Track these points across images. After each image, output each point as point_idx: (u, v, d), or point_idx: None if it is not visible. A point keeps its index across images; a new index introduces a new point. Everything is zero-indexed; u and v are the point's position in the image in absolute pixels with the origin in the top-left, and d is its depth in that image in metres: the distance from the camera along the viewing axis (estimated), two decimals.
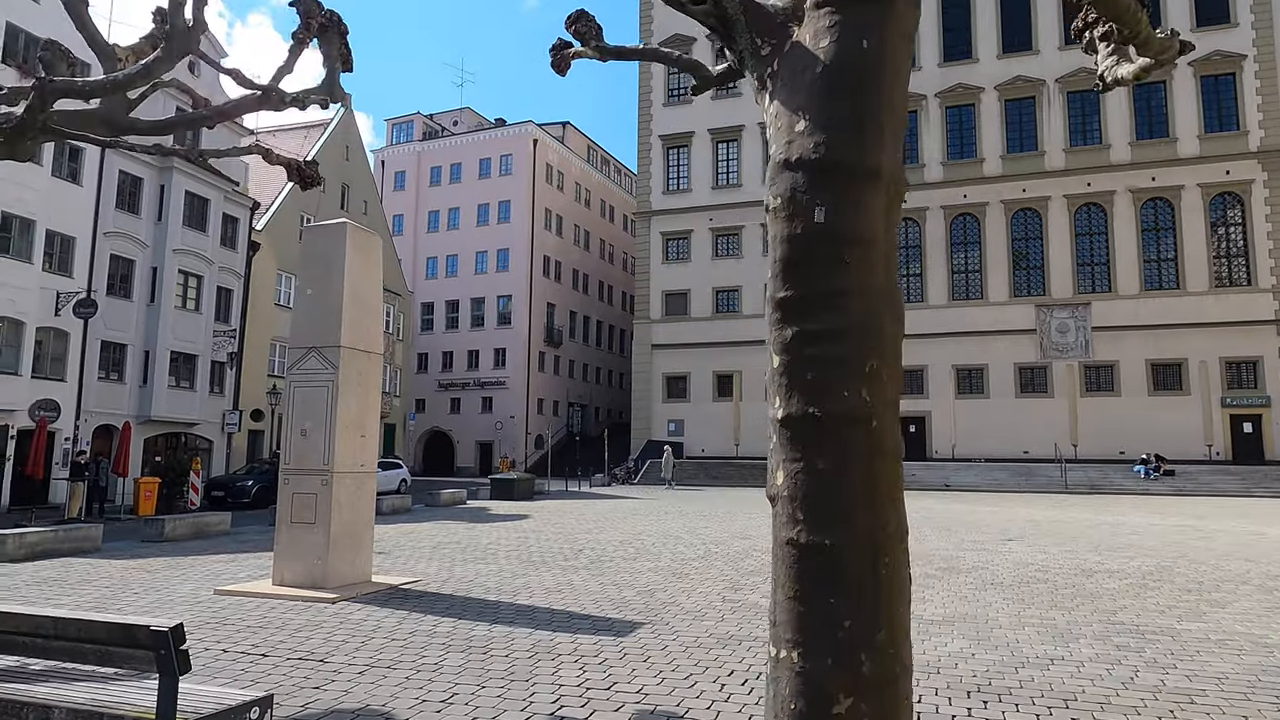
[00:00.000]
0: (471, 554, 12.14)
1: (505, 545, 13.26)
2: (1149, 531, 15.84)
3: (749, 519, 18.35)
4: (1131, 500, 26.23)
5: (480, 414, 50.74)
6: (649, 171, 46.36)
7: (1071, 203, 39.01)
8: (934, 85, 41.56)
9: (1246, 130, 37.09)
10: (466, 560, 11.45)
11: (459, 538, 14.38)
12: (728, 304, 44.07)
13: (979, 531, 15.70)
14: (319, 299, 9.31)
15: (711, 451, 41.69)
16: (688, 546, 13.10)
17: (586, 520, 18.08)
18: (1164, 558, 11.98)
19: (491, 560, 11.46)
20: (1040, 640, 6.70)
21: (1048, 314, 38.63)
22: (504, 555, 12.01)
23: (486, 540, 13.98)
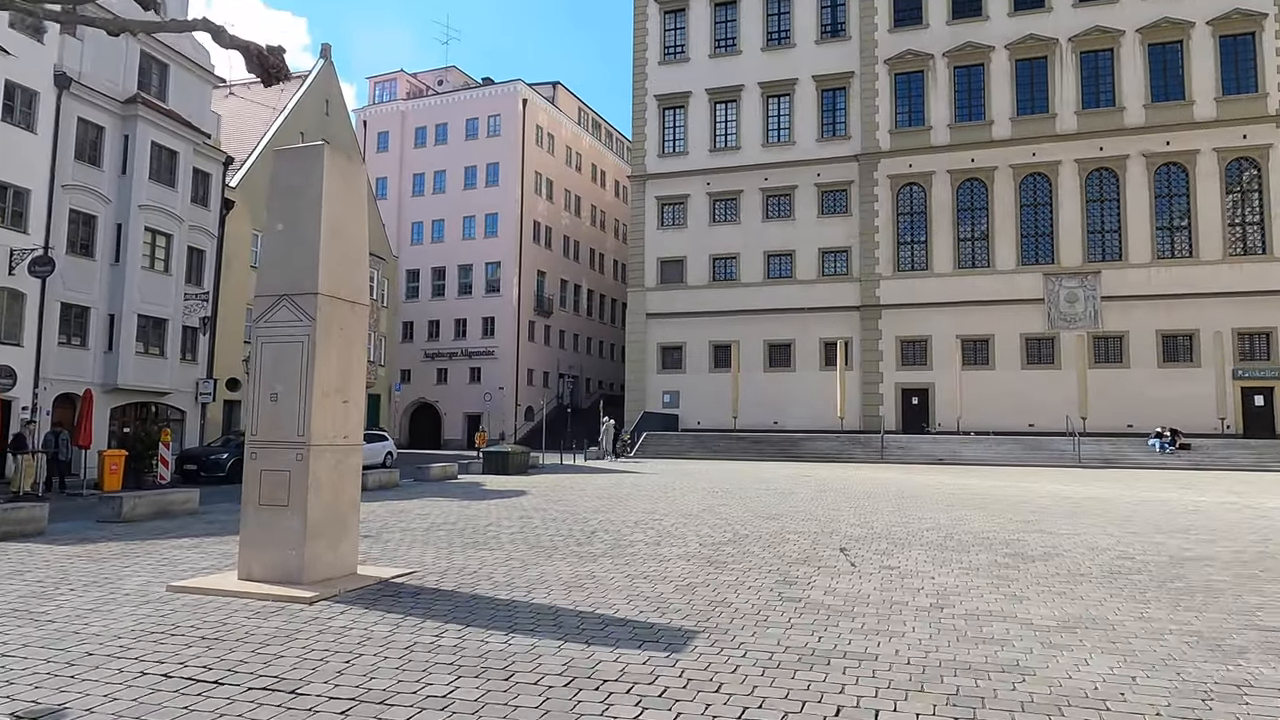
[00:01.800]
0: (471, 538, 10.71)
1: (507, 526, 11.84)
2: (1203, 510, 14.64)
3: (768, 497, 17.02)
4: (1154, 475, 25.16)
5: (468, 385, 49.20)
6: (644, 133, 44.56)
7: (1083, 168, 37.68)
8: (942, 44, 39.94)
9: (1266, 93, 35.82)
10: (466, 546, 10.01)
11: (454, 518, 12.95)
12: (725, 272, 42.61)
13: (1018, 509, 14.45)
14: (291, 237, 7.74)
15: (708, 424, 40.44)
16: (712, 529, 11.73)
17: (590, 497, 16.69)
18: (1242, 541, 10.73)
19: (495, 545, 10.03)
20: (1198, 656, 5.36)
21: (1056, 283, 37.44)
22: (508, 539, 10.58)
23: (485, 520, 12.55)
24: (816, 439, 35.54)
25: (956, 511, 14.12)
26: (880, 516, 13.32)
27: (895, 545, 10.17)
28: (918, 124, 40.17)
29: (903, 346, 39.35)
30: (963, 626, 6.11)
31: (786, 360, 40.98)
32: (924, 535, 11.09)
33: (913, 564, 8.84)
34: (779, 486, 19.53)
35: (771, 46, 42.88)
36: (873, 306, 39.72)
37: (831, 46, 41.87)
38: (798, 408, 39.76)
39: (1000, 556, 9.35)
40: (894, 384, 39.25)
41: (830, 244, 40.94)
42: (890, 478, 23.20)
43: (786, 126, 42.40)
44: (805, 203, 41.44)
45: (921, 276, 39.29)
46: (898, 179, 40.05)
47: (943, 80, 39.89)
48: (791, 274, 41.36)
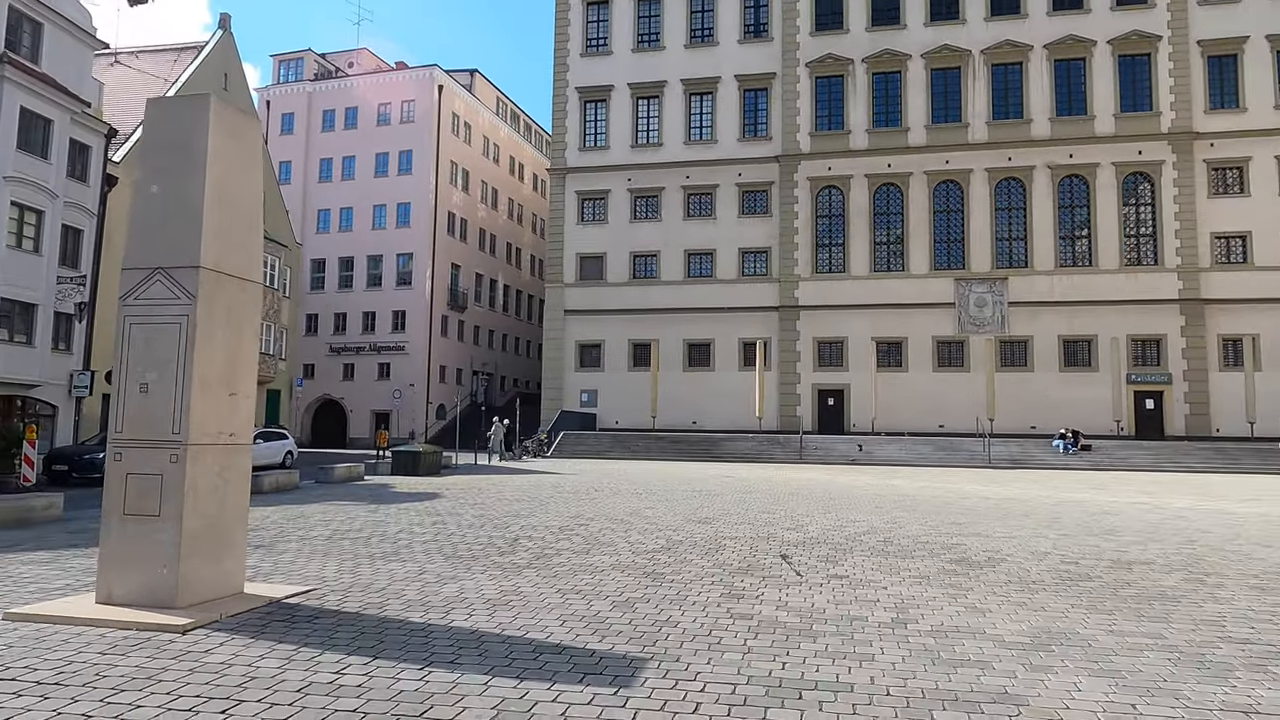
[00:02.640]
0: (379, 547, 9.67)
1: (420, 534, 10.82)
2: (1121, 512, 14.84)
3: (695, 499, 16.45)
4: (1062, 476, 25.89)
5: (376, 381, 47.14)
6: (564, 126, 43.61)
7: (992, 176, 38.81)
8: (862, 50, 40.48)
9: (1160, 111, 37.63)
10: (374, 557, 8.99)
11: (360, 524, 11.82)
12: (646, 269, 42.08)
13: (947, 511, 14.31)
14: (169, 200, 6.61)
15: (626, 423, 39.83)
16: (643, 534, 11.02)
17: (509, 499, 15.74)
18: (1170, 543, 10.73)
19: (407, 556, 9.04)
20: (1188, 675, 4.96)
21: (967, 288, 38.43)
22: (421, 548, 9.60)
23: (395, 527, 11.48)
24: (736, 439, 35.38)
25: (888, 514, 13.85)
26: (813, 519, 12.90)
27: (836, 550, 9.69)
28: (837, 128, 40.61)
29: (820, 348, 39.68)
30: (933, 646, 5.57)
31: (706, 360, 40.76)
32: (862, 540, 10.67)
33: (860, 571, 8.34)
34: (704, 488, 19.02)
35: (695, 44, 42.61)
36: (791, 307, 39.91)
37: (754, 47, 41.91)
38: (717, 408, 39.59)
39: (946, 562, 8.96)
40: (811, 385, 39.53)
41: (750, 244, 40.93)
42: (813, 478, 23.05)
43: (709, 125, 42.21)
44: (726, 202, 41.33)
45: (839, 279, 39.72)
46: (817, 181, 40.37)
47: (862, 85, 40.43)
48: (712, 273, 41.17)
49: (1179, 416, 36.24)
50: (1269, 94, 36.90)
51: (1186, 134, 37.10)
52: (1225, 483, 23.37)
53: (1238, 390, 34.49)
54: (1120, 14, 38.20)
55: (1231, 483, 23.42)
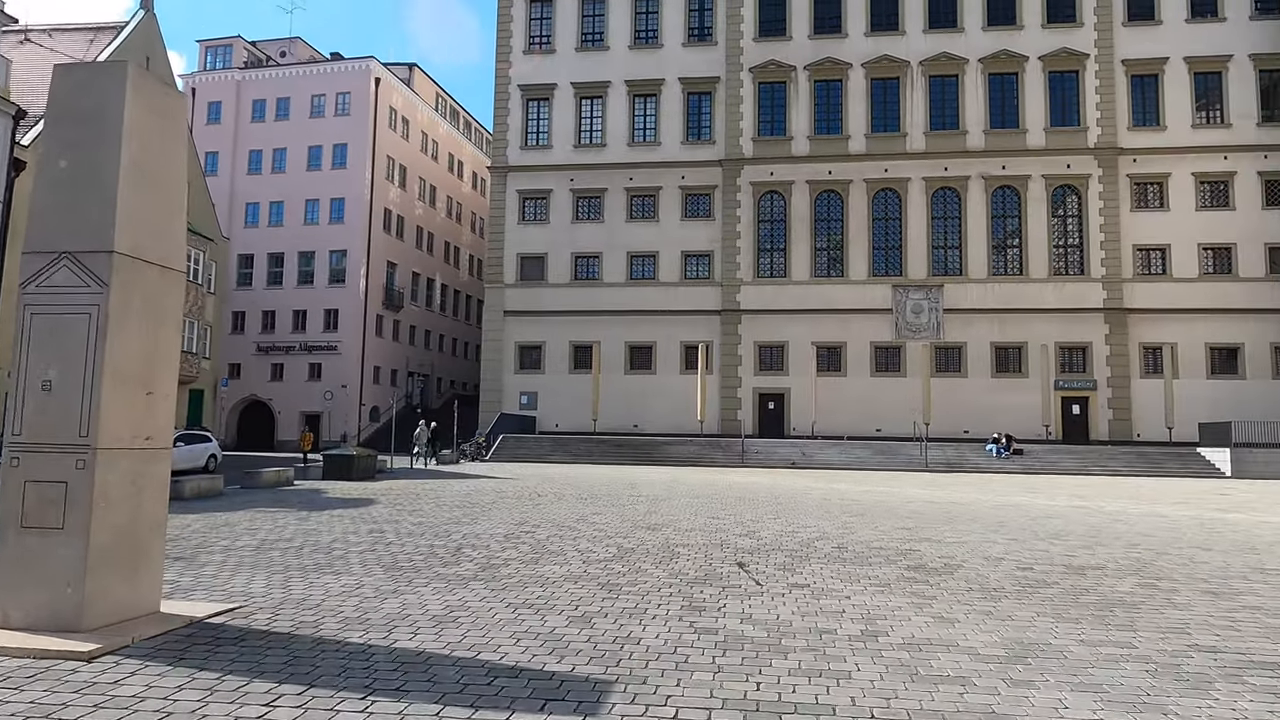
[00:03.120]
0: (312, 558, 9.04)
1: (357, 543, 10.20)
2: (1060, 515, 15.07)
3: (641, 504, 16.10)
4: (998, 479, 26.41)
5: (307, 382, 45.55)
6: (506, 123, 42.88)
7: (929, 185, 39.59)
8: (804, 57, 40.87)
9: (1086, 127, 38.93)
10: (306, 569, 8.37)
11: (290, 533, 11.12)
12: (588, 271, 41.65)
13: (895, 516, 14.30)
14: (79, 177, 5.95)
15: (567, 426, 39.31)
16: (592, 542, 10.62)
17: (449, 505, 15.14)
18: (1114, 547, 10.85)
19: (342, 568, 8.45)
20: (1170, 688, 4.82)
21: (904, 294, 39.09)
22: (358, 559, 9.01)
23: (329, 536, 10.82)
24: (678, 442, 35.21)
25: (837, 519, 13.75)
26: (764, 524, 12.69)
27: (793, 558, 9.46)
28: (779, 133, 40.90)
29: (761, 352, 39.84)
30: (909, 661, 5.33)
31: (648, 363, 40.52)
32: (816, 546, 10.49)
33: (819, 580, 8.11)
34: (650, 492, 18.70)
35: (639, 45, 42.41)
36: (733, 311, 39.99)
37: (699, 50, 41.92)
38: (658, 411, 39.38)
39: (903, 569, 8.81)
40: (752, 388, 39.66)
41: (693, 247, 40.89)
42: (757, 482, 22.97)
43: (652, 127, 42.03)
44: (669, 205, 41.20)
45: (780, 283, 39.97)
46: (759, 186, 40.58)
47: (804, 92, 40.82)
48: (654, 276, 40.98)
49: (1103, 421, 37.53)
50: (1187, 114, 38.57)
51: (1111, 149, 38.50)
52: (1151, 486, 24.16)
53: (1157, 397, 35.89)
54: (1051, 31, 39.45)
55: (1157, 486, 24.23)
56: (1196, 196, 38.17)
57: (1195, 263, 37.86)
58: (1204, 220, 37.97)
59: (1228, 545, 11.13)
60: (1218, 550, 10.63)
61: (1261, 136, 38.13)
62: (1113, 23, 39.19)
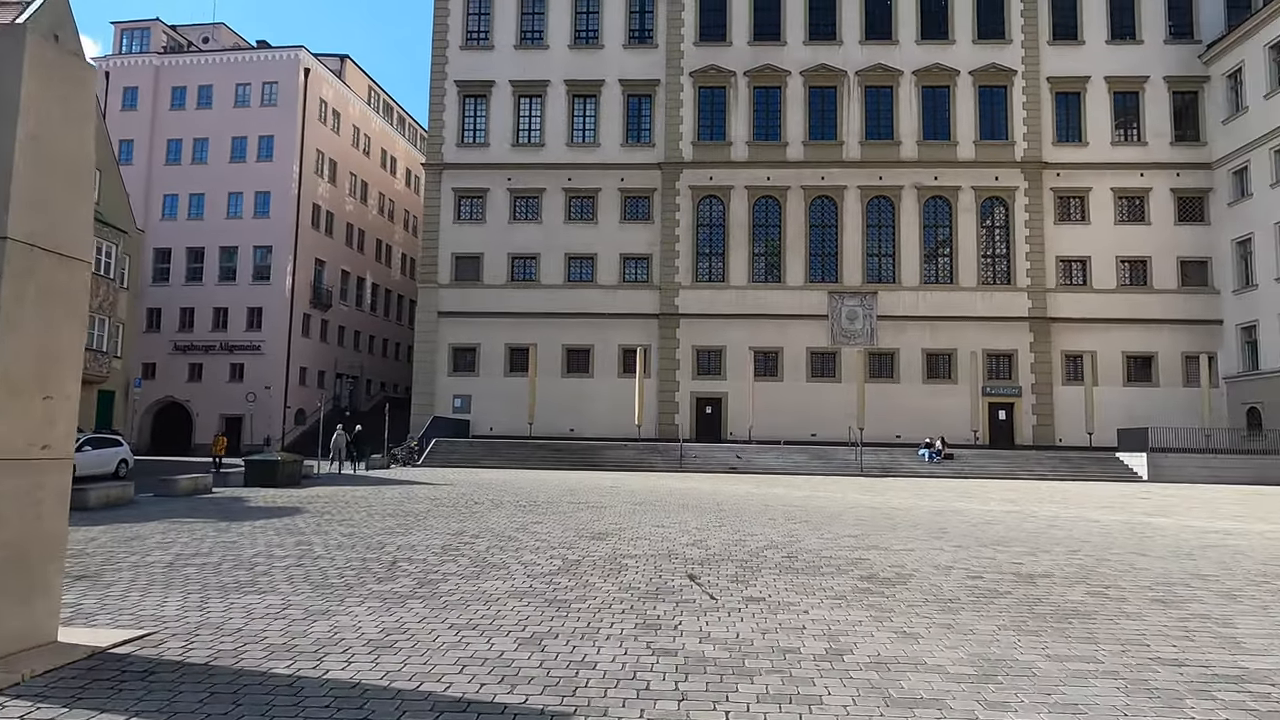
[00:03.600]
0: (232, 575, 8.38)
1: (282, 557, 9.53)
2: (999, 520, 15.26)
3: (583, 512, 15.70)
4: (932, 484, 26.84)
5: (228, 383, 43.64)
6: (442, 120, 41.93)
7: (865, 194, 40.25)
8: (744, 63, 41.12)
9: (1013, 141, 40.15)
10: (226, 588, 7.72)
11: (209, 546, 10.36)
12: (525, 272, 41.00)
13: (839, 522, 14.25)
14: None
15: (502, 430, 38.58)
16: (535, 554, 10.18)
17: (381, 514, 14.46)
18: (1056, 553, 10.95)
19: (267, 586, 7.83)
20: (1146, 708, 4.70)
21: (839, 301, 39.62)
22: (284, 576, 8.38)
23: (252, 549, 10.11)
24: (615, 447, 34.87)
25: (782, 526, 13.60)
26: (710, 533, 12.45)
27: (744, 569, 9.21)
28: (719, 138, 41.02)
29: (699, 356, 39.84)
30: (879, 682, 5.10)
31: (585, 366, 40.09)
32: (766, 556, 10.27)
33: (774, 593, 7.87)
34: (590, 499, 18.29)
35: (579, 45, 42.00)
36: (671, 315, 39.89)
37: (639, 52, 41.75)
38: (595, 415, 38.99)
39: (856, 580, 8.65)
40: (690, 393, 39.62)
41: (632, 250, 40.65)
42: (697, 487, 22.79)
43: (592, 128, 41.66)
44: (608, 207, 40.88)
45: (719, 288, 40.05)
46: (699, 190, 40.61)
47: (743, 98, 41.04)
48: (593, 278, 40.58)
49: (1027, 426, 38.72)
50: (1106, 131, 40.17)
51: (1036, 163, 39.81)
52: (1076, 490, 24.88)
53: (1078, 403, 37.20)
54: (981, 47, 40.60)
55: (1081, 490, 24.97)
56: (1115, 211, 39.78)
57: (1114, 274, 39.43)
58: (1122, 234, 39.58)
59: (1161, 550, 11.36)
60: (1154, 556, 10.82)
61: (1174, 155, 39.98)
62: (1039, 41, 40.56)
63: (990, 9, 40.95)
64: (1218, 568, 9.93)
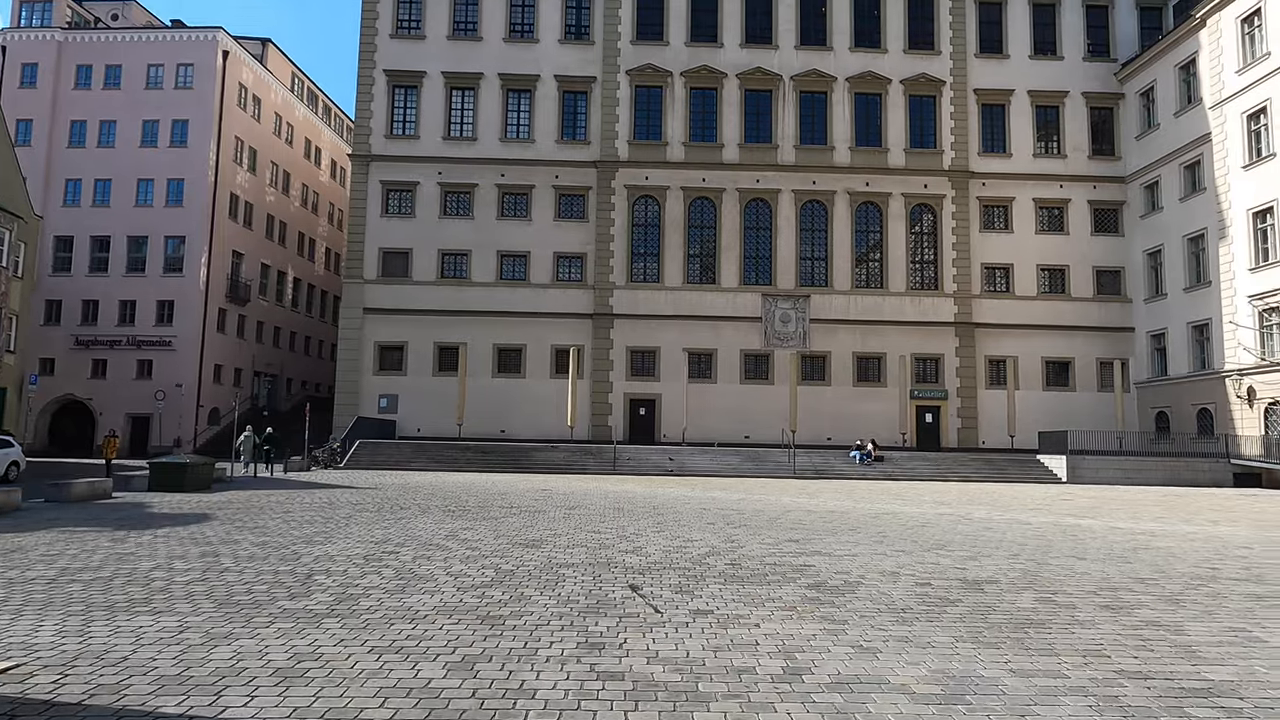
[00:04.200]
0: (124, 592, 7.52)
1: (184, 571, 8.67)
2: (934, 523, 15.26)
3: (516, 518, 15.06)
4: (861, 485, 27.01)
5: (135, 380, 41.22)
6: (370, 110, 40.48)
7: (798, 198, 40.50)
8: (681, 64, 40.92)
9: (942, 150, 41.00)
10: (116, 607, 6.89)
11: (100, 559, 9.39)
12: (456, 269, 39.90)
13: (778, 526, 13.99)
14: None
15: (430, 431, 37.43)
16: (465, 564, 9.55)
17: (298, 521, 13.55)
18: (997, 558, 10.88)
19: (163, 605, 7.02)
20: None
21: (773, 303, 39.76)
22: (184, 592, 7.56)
23: (150, 562, 9.20)
24: (547, 449, 34.15)
25: (721, 530, 13.26)
26: (648, 539, 12.00)
27: (687, 578, 8.79)
28: (655, 138, 40.72)
29: (633, 357, 39.44)
30: (843, 705, 4.72)
31: (517, 366, 39.23)
32: (709, 563, 9.88)
33: (721, 604, 7.46)
34: (522, 503, 17.64)
35: (514, 39, 41.13)
36: (606, 315, 39.37)
37: (575, 48, 41.13)
38: (527, 416, 38.19)
39: (804, 589, 8.32)
40: (623, 394, 39.17)
41: (566, 249, 39.98)
42: (632, 491, 22.34)
43: (526, 123, 40.83)
44: (543, 204, 40.13)
45: (653, 288, 39.73)
46: (634, 190, 40.23)
47: (680, 98, 40.84)
48: (526, 277, 39.75)
49: (952, 429, 39.57)
50: (1029, 143, 41.40)
51: (963, 172, 40.75)
52: (1002, 491, 25.36)
53: (1000, 406, 38.20)
54: (911, 57, 41.35)
55: (1007, 491, 25.46)
56: (1037, 220, 41.02)
57: (1034, 282, 40.64)
58: (1042, 243, 40.84)
59: (1097, 554, 11.41)
60: (1091, 559, 10.84)
61: (1091, 168, 41.47)
62: (966, 53, 41.54)
63: (921, 20, 41.77)
64: (1153, 570, 9.98)
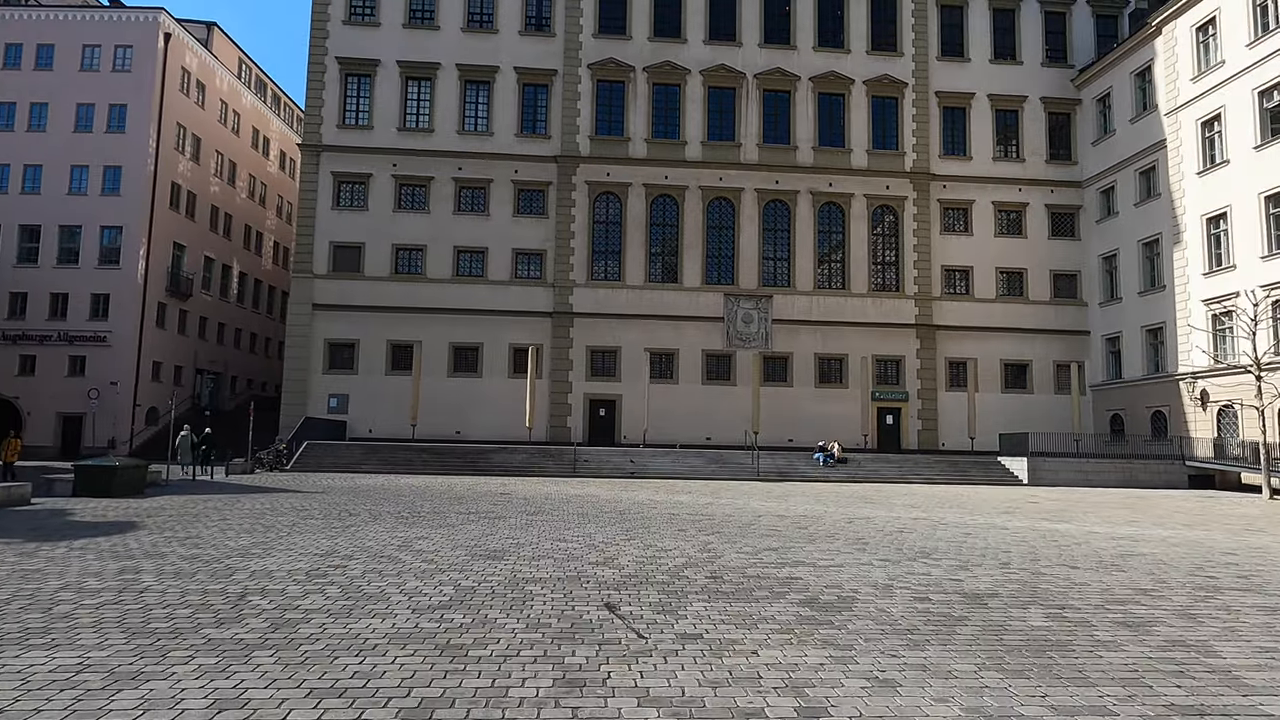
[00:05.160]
0: (19, 619, 6.47)
1: (96, 591, 7.60)
2: (911, 529, 14.73)
3: (474, 525, 14.12)
4: (827, 488, 26.54)
5: (67, 377, 39.06)
6: (321, 98, 38.98)
7: (762, 197, 40.08)
8: (644, 59, 40.24)
9: (904, 152, 40.96)
10: (4, 640, 5.86)
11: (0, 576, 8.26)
12: (410, 264, 38.61)
13: (751, 533, 13.30)
14: None
15: (382, 432, 36.11)
16: (422, 579, 8.64)
17: (235, 530, 12.43)
18: (987, 566, 10.34)
19: (63, 635, 6.00)
20: None
21: (735, 303, 39.27)
22: (91, 618, 6.54)
23: (58, 581, 8.10)
24: (504, 450, 33.09)
25: (694, 538, 12.52)
26: (619, 548, 11.20)
27: (668, 594, 8.01)
28: (617, 133, 39.92)
29: (593, 356, 38.57)
30: None
31: (473, 365, 38.07)
32: (687, 576, 9.12)
33: (710, 626, 6.70)
34: (480, 508, 16.68)
35: (473, 29, 39.97)
36: (565, 314, 38.44)
37: (535, 40, 40.13)
38: (483, 417, 37.06)
39: (796, 605, 7.61)
40: (583, 394, 38.28)
41: (525, 245, 38.95)
42: (596, 494, 21.49)
43: (485, 116, 39.71)
44: (501, 199, 39.04)
45: (614, 287, 38.92)
46: (595, 186, 39.37)
47: (642, 94, 40.11)
48: (483, 273, 38.62)
49: (912, 431, 39.50)
50: (989, 146, 41.59)
51: (925, 174, 40.75)
52: (969, 494, 25.11)
53: (960, 408, 38.24)
54: (874, 58, 41.25)
55: (973, 494, 25.22)
56: (996, 223, 41.20)
57: (993, 284, 40.82)
58: (1001, 245, 41.04)
59: (1087, 562, 10.93)
60: (1083, 568, 10.35)
61: (1049, 172, 41.82)
62: (928, 56, 41.58)
63: (884, 21, 41.70)
64: (1151, 580, 9.50)
